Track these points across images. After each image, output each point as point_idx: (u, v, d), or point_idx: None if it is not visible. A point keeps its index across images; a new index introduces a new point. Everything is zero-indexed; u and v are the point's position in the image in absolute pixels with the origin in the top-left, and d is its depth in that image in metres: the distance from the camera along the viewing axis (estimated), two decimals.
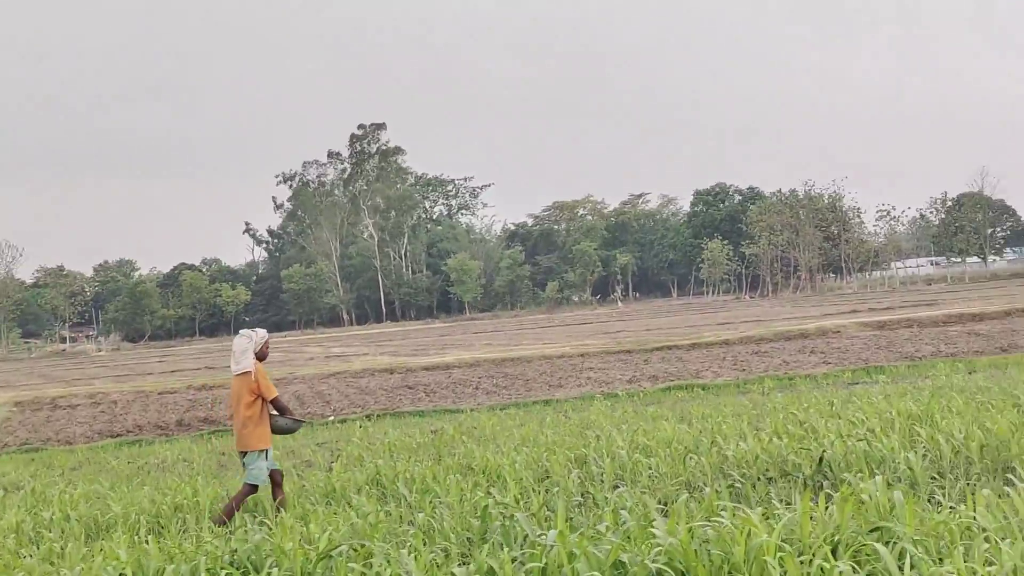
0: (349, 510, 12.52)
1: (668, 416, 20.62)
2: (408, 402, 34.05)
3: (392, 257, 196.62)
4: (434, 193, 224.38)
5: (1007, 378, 22.19)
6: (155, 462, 22.63)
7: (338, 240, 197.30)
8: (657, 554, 7.86)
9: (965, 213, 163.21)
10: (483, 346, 66.65)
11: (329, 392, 40.40)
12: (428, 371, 47.60)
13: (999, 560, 7.57)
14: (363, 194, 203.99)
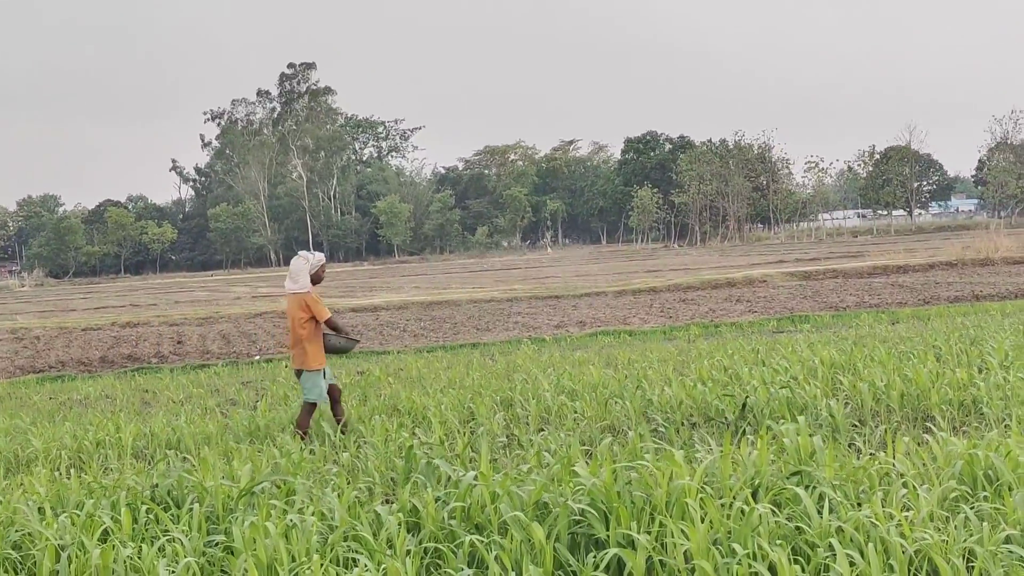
0: (273, 448, 12.49)
1: (594, 361, 20.69)
2: None
3: (321, 198, 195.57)
4: (364, 134, 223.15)
5: (929, 329, 22.41)
6: (77, 398, 22.44)
7: (266, 180, 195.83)
8: (580, 495, 7.89)
9: (892, 166, 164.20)
10: (412, 289, 66.59)
11: (255, 332, 40.25)
12: (356, 313, 47.51)
13: (916, 505, 7.66)
14: (292, 134, 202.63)
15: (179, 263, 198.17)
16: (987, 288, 38.63)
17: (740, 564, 6.62)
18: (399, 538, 7.61)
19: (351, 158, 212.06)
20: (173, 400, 20.43)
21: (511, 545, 7.36)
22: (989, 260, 55.55)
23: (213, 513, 9.00)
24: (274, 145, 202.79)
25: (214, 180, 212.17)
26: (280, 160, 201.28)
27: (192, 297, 74.09)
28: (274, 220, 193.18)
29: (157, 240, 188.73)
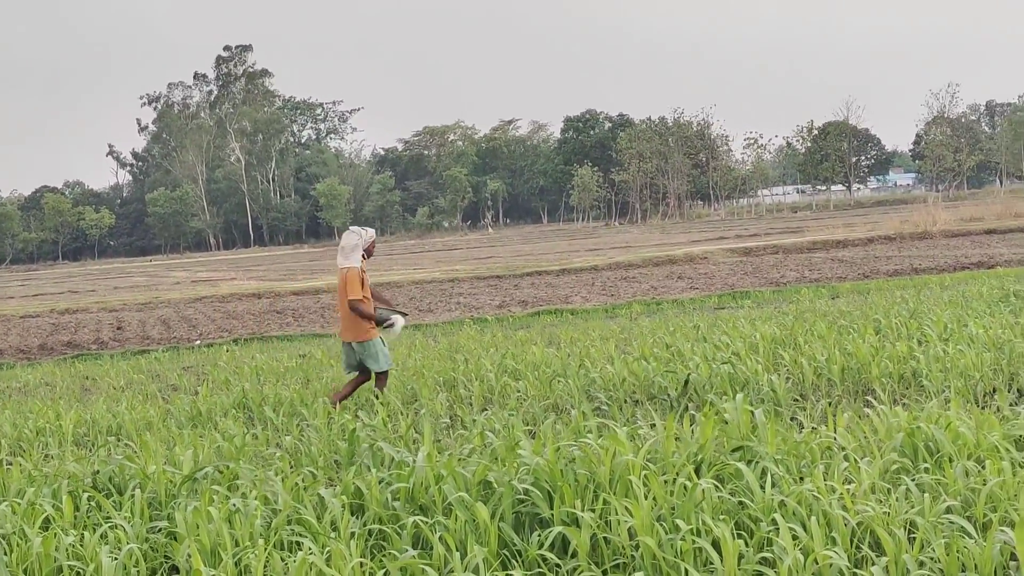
0: (215, 433, 12.43)
1: (537, 340, 20.69)
2: (276, 327, 33.82)
3: (260, 181, 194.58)
4: (302, 117, 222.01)
5: (868, 303, 22.54)
6: (16, 386, 22.25)
7: (204, 164, 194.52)
8: (524, 474, 7.89)
9: (830, 141, 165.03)
10: None
11: (196, 316, 40.04)
12: (297, 296, 47.41)
13: (858, 478, 7.70)
14: (230, 117, 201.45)
15: (117, 249, 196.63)
16: (926, 261, 38.93)
17: (684, 540, 6.64)
18: (343, 521, 7.59)
19: (289, 140, 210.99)
20: (114, 386, 20.30)
21: (456, 526, 7.36)
22: (927, 233, 55.98)
23: (156, 499, 8.95)
24: (211, 128, 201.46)
25: (151, 164, 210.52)
26: (218, 144, 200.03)
27: (131, 283, 73.62)
28: (213, 204, 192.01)
29: (95, 226, 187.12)
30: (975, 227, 57.39)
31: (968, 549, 6.32)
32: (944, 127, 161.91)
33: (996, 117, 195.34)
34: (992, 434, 8.47)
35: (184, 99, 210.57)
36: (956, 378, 12.27)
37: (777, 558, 6.36)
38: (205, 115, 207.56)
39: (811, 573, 6.24)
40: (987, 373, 12.48)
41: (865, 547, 6.74)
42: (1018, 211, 66.13)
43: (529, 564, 7.03)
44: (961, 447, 8.37)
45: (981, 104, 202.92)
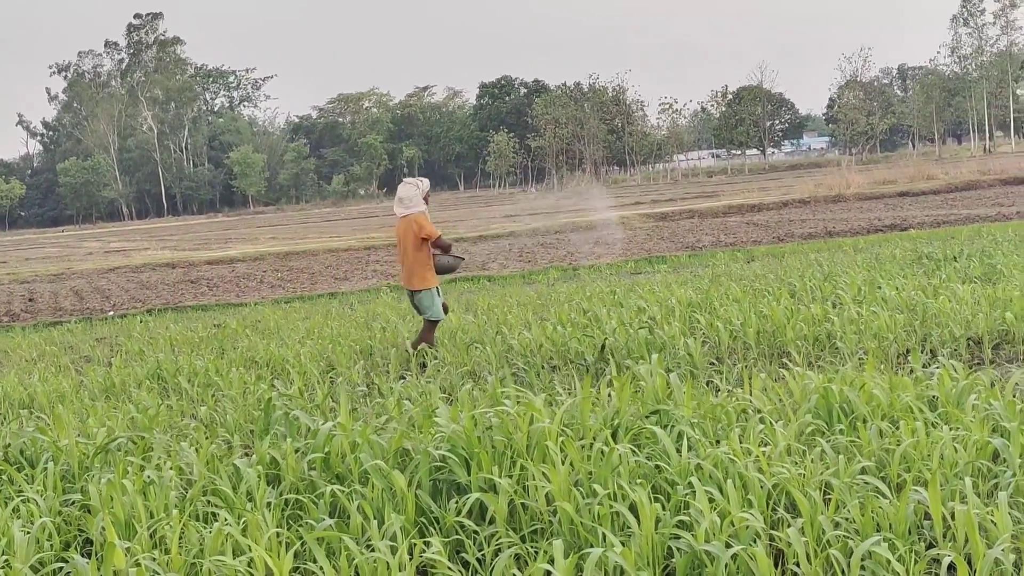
0: (129, 404, 12.29)
1: (454, 307, 20.65)
2: (191, 296, 33.57)
3: (173, 150, 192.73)
4: (215, 85, 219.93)
5: (783, 266, 22.70)
6: None
7: (116, 133, 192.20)
8: (440, 441, 7.86)
9: (745, 106, 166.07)
10: (268, 240, 66.05)
11: (109, 287, 39.65)
12: (211, 265, 47.04)
13: (774, 440, 7.75)
14: (141, 86, 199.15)
15: (28, 219, 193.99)
16: (839, 224, 39.25)
17: (601, 504, 6.64)
18: (259, 491, 7.54)
19: (202, 109, 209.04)
20: (26, 359, 20.03)
21: (372, 494, 7.32)
22: (841, 197, 56.39)
23: (69, 472, 8.84)
24: (123, 97, 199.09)
25: (62, 134, 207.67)
26: (130, 112, 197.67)
27: (43, 253, 72.70)
28: (125, 173, 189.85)
29: (5, 196, 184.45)
30: (888, 190, 57.89)
31: (883, 509, 6.36)
32: (857, 91, 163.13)
33: (908, 81, 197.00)
34: (905, 395, 8.55)
35: (95, 68, 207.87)
36: (870, 340, 12.38)
37: (694, 521, 6.37)
38: (116, 84, 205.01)
39: (727, 535, 6.26)
40: (900, 334, 12.60)
41: (781, 509, 6.77)
42: (930, 174, 66.78)
43: (447, 531, 7.02)
44: (875, 408, 8.43)
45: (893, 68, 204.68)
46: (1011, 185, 56.02)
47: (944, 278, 16.63)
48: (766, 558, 5.87)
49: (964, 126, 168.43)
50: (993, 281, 16.06)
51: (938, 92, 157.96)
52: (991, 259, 18.59)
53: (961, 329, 12.54)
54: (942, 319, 13.04)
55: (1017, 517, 6.46)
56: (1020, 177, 58.30)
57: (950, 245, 23.20)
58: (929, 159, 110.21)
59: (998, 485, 6.97)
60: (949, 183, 58.71)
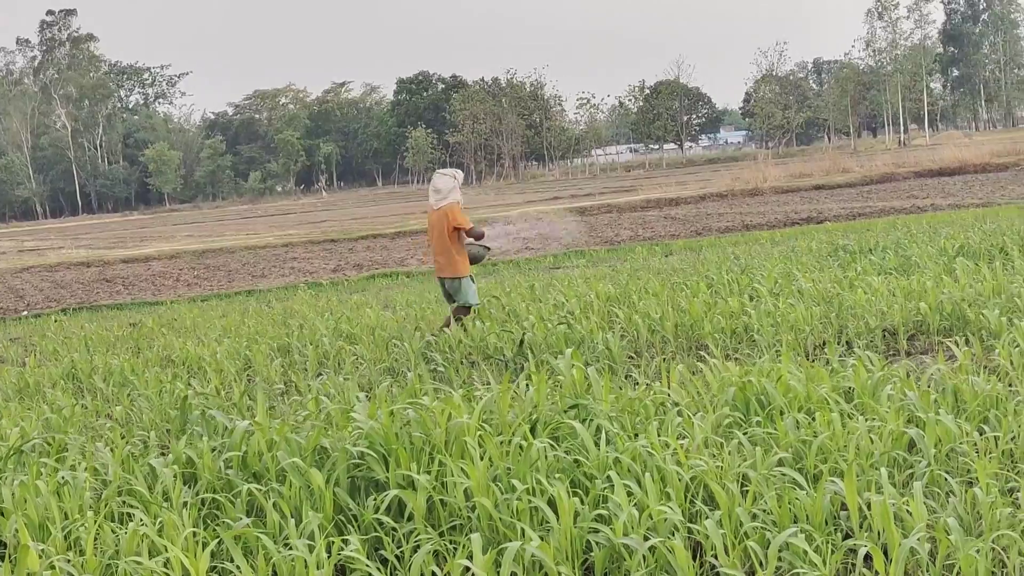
0: (43, 405, 12.15)
1: (372, 304, 20.61)
2: (106, 295, 33.25)
3: (87, 148, 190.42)
4: (129, 82, 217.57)
5: (701, 260, 22.81)
6: None
7: (29, 131, 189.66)
8: (358, 438, 7.82)
9: (662, 101, 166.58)
10: (184, 238, 65.52)
11: (23, 287, 39.21)
12: (127, 264, 46.62)
13: (691, 433, 7.77)
14: (54, 83, 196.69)
15: None
16: (756, 217, 39.52)
17: (520, 500, 6.63)
18: (175, 490, 7.47)
19: (117, 106, 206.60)
20: None
21: (290, 492, 7.28)
22: (758, 190, 56.74)
23: None
24: (36, 95, 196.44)
25: None
26: (43, 110, 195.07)
27: None
28: (38, 172, 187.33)
29: None
30: (804, 183, 58.30)
31: (800, 500, 6.40)
32: (773, 85, 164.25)
33: (823, 74, 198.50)
34: (822, 386, 8.61)
35: (7, 65, 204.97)
36: (787, 332, 12.46)
37: (612, 515, 6.38)
38: (29, 81, 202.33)
39: (646, 528, 6.28)
40: (817, 327, 12.70)
41: (699, 501, 6.79)
42: (846, 167, 67.40)
43: (365, 528, 6.98)
44: (792, 400, 8.48)
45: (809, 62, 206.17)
46: (925, 177, 56.61)
47: (860, 270, 16.76)
48: (684, 551, 5.89)
49: (879, 119, 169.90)
50: (908, 273, 16.21)
51: (853, 86, 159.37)
52: (906, 251, 18.77)
53: (877, 320, 12.65)
54: (858, 311, 13.14)
55: (932, 507, 6.52)
56: (934, 169, 58.93)
57: (865, 237, 23.40)
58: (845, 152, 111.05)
59: (913, 475, 7.03)
60: (864, 176, 59.23)
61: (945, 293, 13.24)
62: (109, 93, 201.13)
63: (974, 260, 16.63)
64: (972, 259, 16.78)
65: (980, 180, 50.37)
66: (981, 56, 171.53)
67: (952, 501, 6.46)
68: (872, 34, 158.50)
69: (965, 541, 5.73)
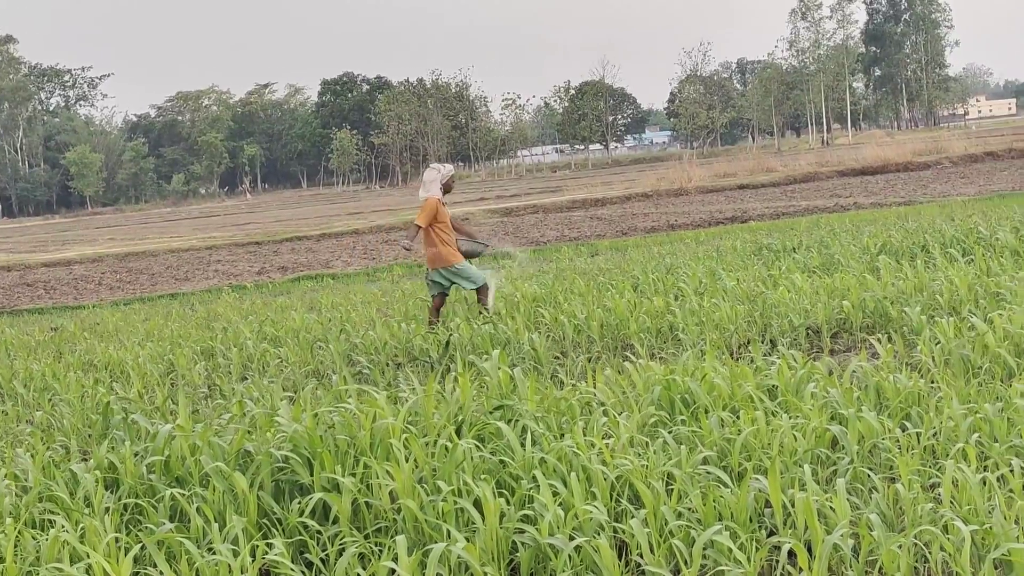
0: None
1: (297, 306, 20.53)
2: (27, 300, 32.93)
3: (7, 151, 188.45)
4: (50, 84, 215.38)
5: (626, 260, 22.89)
6: None
7: None
8: (282, 441, 7.77)
9: (587, 101, 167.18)
10: (106, 241, 64.99)
11: None
12: (48, 268, 46.20)
13: (617, 432, 7.78)
14: None
15: None
16: (681, 217, 39.68)
17: (445, 501, 6.61)
18: (97, 496, 7.38)
19: (37, 109, 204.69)
20: None
21: (213, 496, 7.21)
22: (683, 190, 56.99)
23: None
24: None
25: None
26: None
27: None
28: None
29: None
30: (729, 183, 58.62)
31: (724, 498, 6.42)
32: (697, 85, 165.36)
33: (747, 75, 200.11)
34: (746, 385, 8.64)
35: None
36: (711, 331, 12.53)
37: (538, 515, 6.38)
38: None
39: (571, 528, 6.28)
40: (741, 325, 12.77)
41: (624, 500, 6.80)
42: (769, 166, 67.83)
43: (290, 532, 6.93)
44: (716, 398, 8.52)
45: (733, 62, 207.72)
46: (848, 176, 57.07)
47: (784, 269, 16.86)
48: (610, 550, 5.89)
49: (802, 119, 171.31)
50: (831, 271, 16.33)
51: (777, 85, 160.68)
52: (829, 249, 18.90)
53: (800, 319, 12.73)
54: (782, 309, 13.21)
55: (855, 503, 6.56)
56: (857, 168, 59.40)
57: (789, 236, 23.56)
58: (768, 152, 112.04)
59: (836, 472, 7.08)
60: (788, 175, 59.64)
61: (868, 291, 13.34)
62: (29, 95, 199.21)
63: (896, 258, 16.79)
64: (894, 257, 16.93)
65: (902, 179, 50.88)
66: (903, 56, 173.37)
67: (875, 497, 6.50)
68: (795, 34, 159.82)
69: (887, 537, 5.77)
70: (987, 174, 47.38)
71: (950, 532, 5.87)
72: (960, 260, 15.56)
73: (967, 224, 20.23)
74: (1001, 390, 8.60)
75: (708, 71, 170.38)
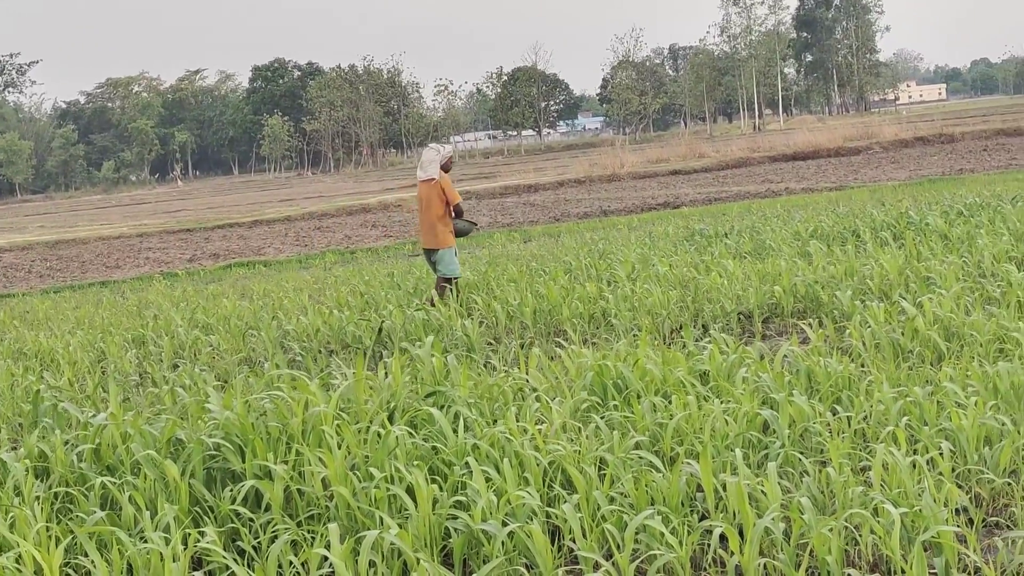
0: None
1: (229, 293, 20.42)
2: None
3: None
4: None
5: (559, 246, 22.92)
6: None
7: None
8: (214, 429, 7.73)
9: (520, 87, 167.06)
10: (36, 229, 64.33)
11: None
12: None
13: (549, 418, 7.80)
14: None
15: None
16: (614, 203, 39.75)
17: (378, 488, 6.60)
18: (27, 485, 7.31)
19: None
20: None
21: (145, 485, 7.17)
22: (615, 176, 57.07)
23: None
24: None
25: None
26: None
27: None
28: None
29: None
30: (661, 168, 58.80)
31: (656, 483, 6.45)
32: (629, 71, 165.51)
33: (679, 60, 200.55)
34: (678, 370, 8.69)
35: None
36: (644, 316, 12.58)
37: (471, 501, 6.38)
38: None
39: (504, 514, 6.29)
40: (673, 311, 12.83)
41: (557, 486, 6.81)
42: (702, 152, 68.07)
43: (222, 520, 6.90)
44: (649, 383, 8.55)
45: (665, 48, 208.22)
46: (780, 162, 57.38)
47: (715, 254, 16.94)
48: (542, 535, 5.90)
49: (734, 104, 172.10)
50: (763, 256, 16.43)
51: (708, 71, 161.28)
52: (760, 235, 19.01)
53: (732, 304, 12.81)
54: (714, 294, 13.29)
55: (787, 487, 6.62)
56: (788, 154, 59.72)
57: (721, 222, 23.69)
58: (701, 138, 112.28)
59: (768, 456, 7.12)
60: (720, 161, 59.89)
61: (799, 276, 13.44)
62: None
63: (827, 243, 16.91)
64: (825, 242, 17.05)
65: (833, 164, 51.24)
66: (834, 41, 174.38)
67: (806, 481, 6.55)
68: (727, 20, 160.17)
69: (818, 520, 5.82)
70: (917, 159, 47.77)
71: (880, 515, 5.92)
72: (891, 245, 15.70)
73: (897, 209, 20.44)
74: (931, 374, 8.71)
75: (640, 57, 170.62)
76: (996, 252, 13.91)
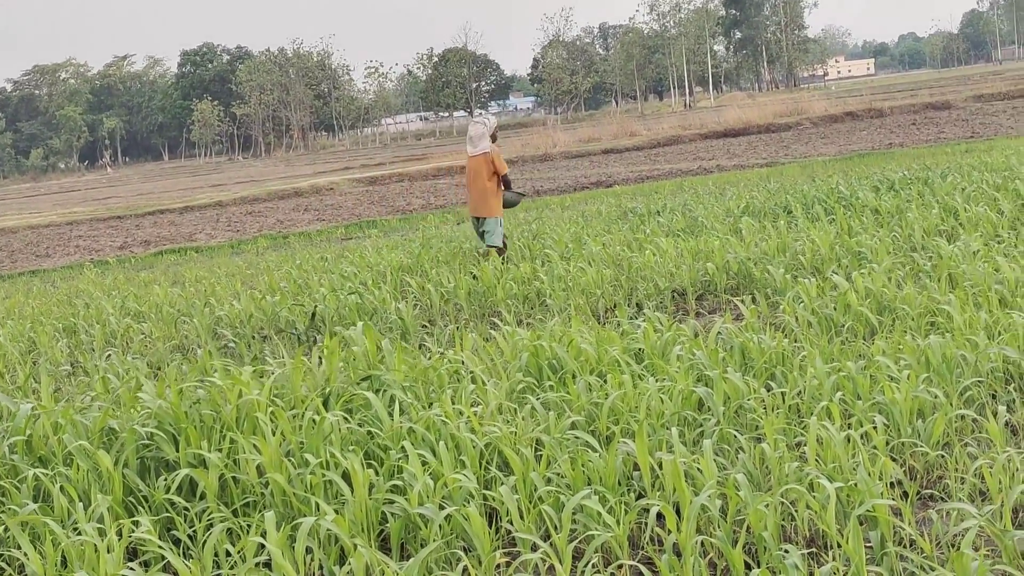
0: None
1: (160, 280, 20.27)
2: None
3: None
4: None
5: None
6: None
7: None
8: (147, 418, 7.67)
9: (451, 68, 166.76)
10: None
11: None
12: None
13: (485, 400, 7.79)
14: None
15: None
16: (547, 183, 39.74)
17: (313, 474, 6.58)
18: None
19: None
20: None
21: (78, 475, 7.10)
22: (548, 156, 57.10)
23: None
24: None
25: None
26: None
27: None
28: None
29: None
30: (593, 148, 58.82)
31: (592, 463, 6.46)
32: (560, 50, 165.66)
33: (609, 39, 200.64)
34: (613, 349, 8.70)
35: None
36: (578, 296, 12.60)
37: (408, 485, 6.37)
38: None
39: (441, 497, 6.28)
40: (608, 290, 12.87)
41: (494, 468, 6.81)
42: (633, 130, 68.14)
43: (157, 509, 6.85)
44: (584, 363, 8.56)
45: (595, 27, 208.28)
46: (711, 139, 57.56)
47: (648, 232, 16.99)
48: (480, 518, 5.89)
49: (665, 83, 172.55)
50: (695, 234, 16.48)
51: (639, 50, 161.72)
52: (693, 212, 19.07)
53: (666, 282, 12.86)
54: (647, 273, 13.34)
55: (722, 464, 6.64)
56: (719, 131, 59.90)
57: (654, 200, 23.75)
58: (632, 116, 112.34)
59: (703, 433, 7.15)
60: (651, 139, 60.01)
61: (731, 253, 13.49)
62: None
63: (759, 219, 17.00)
64: (757, 218, 17.15)
65: (764, 140, 51.44)
66: (762, 18, 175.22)
67: (741, 457, 6.58)
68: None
69: (754, 496, 5.84)
70: (847, 134, 48.03)
71: (815, 490, 5.95)
72: (822, 220, 15.78)
73: (828, 184, 20.54)
74: (864, 348, 8.77)
75: (571, 36, 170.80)
76: (926, 226, 14.04)
